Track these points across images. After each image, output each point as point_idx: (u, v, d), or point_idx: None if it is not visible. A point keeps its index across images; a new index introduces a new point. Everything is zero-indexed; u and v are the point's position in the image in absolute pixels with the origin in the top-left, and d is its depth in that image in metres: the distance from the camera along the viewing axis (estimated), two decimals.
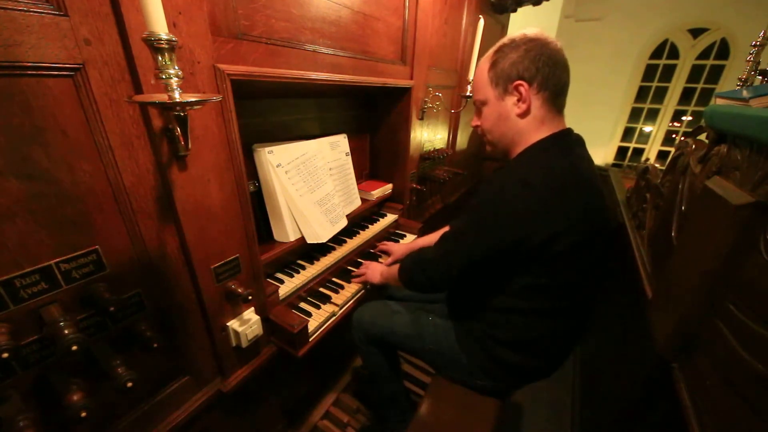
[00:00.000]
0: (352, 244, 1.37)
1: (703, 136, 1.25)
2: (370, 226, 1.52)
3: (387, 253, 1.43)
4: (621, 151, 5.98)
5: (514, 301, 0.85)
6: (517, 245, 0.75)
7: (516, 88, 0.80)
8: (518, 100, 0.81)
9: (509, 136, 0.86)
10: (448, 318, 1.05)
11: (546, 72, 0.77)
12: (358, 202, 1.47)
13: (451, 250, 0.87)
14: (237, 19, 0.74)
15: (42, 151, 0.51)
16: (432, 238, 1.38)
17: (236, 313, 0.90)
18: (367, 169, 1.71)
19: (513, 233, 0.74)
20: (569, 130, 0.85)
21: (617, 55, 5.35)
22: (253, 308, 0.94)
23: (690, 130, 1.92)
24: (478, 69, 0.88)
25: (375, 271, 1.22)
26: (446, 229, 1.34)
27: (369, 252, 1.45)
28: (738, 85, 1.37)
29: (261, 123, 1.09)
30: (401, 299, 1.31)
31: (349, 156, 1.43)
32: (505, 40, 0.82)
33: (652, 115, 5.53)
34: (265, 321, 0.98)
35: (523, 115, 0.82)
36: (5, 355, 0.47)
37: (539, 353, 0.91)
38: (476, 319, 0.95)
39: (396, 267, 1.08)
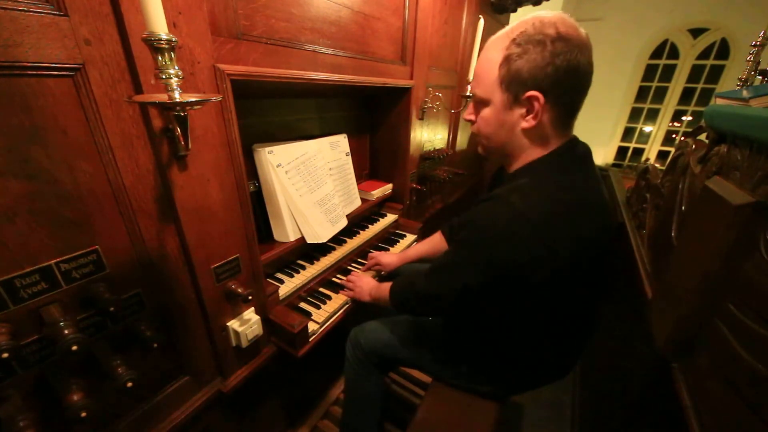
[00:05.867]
0: (352, 244, 1.37)
1: (703, 136, 1.25)
2: (370, 226, 1.52)
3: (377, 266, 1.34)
4: (621, 151, 5.98)
5: (514, 321, 0.82)
6: (514, 278, 0.68)
7: (529, 99, 0.66)
8: (528, 113, 0.68)
9: (509, 148, 0.76)
10: (448, 329, 1.04)
11: (568, 86, 0.64)
12: (358, 202, 1.47)
13: (445, 283, 0.79)
14: (237, 19, 0.74)
15: (42, 151, 0.51)
16: (425, 247, 1.33)
17: (236, 313, 0.90)
18: (367, 169, 1.71)
19: (509, 268, 0.67)
20: (574, 143, 0.73)
21: (617, 55, 5.35)
22: (253, 308, 0.94)
23: (690, 130, 1.92)
24: (486, 55, 0.70)
25: (363, 289, 1.13)
26: (438, 234, 1.32)
27: (369, 252, 1.45)
28: (738, 85, 1.37)
29: (261, 123, 1.09)
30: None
31: (349, 156, 1.43)
32: (528, 27, 0.64)
33: (652, 115, 5.54)
34: (265, 321, 0.98)
35: (529, 131, 0.70)
36: (5, 355, 0.47)
37: (543, 370, 0.90)
38: (477, 337, 0.94)
39: (387, 287, 1.01)
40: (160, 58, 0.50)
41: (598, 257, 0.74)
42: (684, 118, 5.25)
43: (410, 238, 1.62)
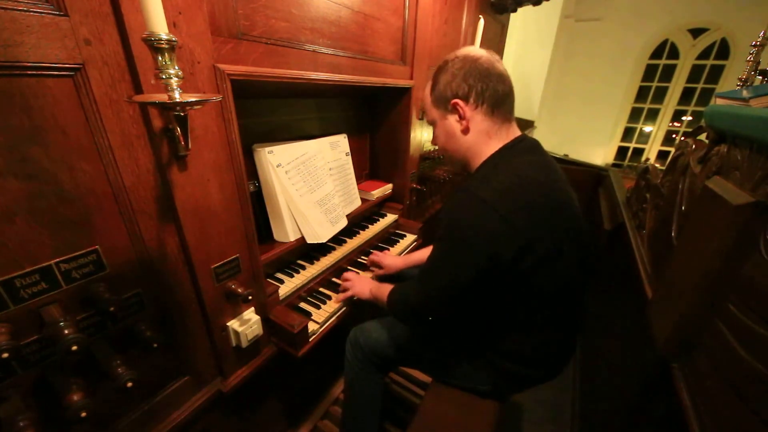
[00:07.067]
0: (352, 244, 1.37)
1: (703, 136, 1.25)
2: (370, 226, 1.52)
3: (378, 266, 1.33)
4: (621, 151, 5.99)
5: (505, 315, 0.85)
6: (492, 264, 0.73)
7: (453, 106, 0.82)
8: (460, 117, 0.83)
9: (461, 152, 0.88)
10: (446, 328, 1.04)
11: (479, 87, 0.79)
12: (358, 202, 1.47)
13: (432, 285, 0.84)
14: (237, 19, 0.74)
15: (42, 151, 0.51)
16: (428, 251, 1.29)
17: (236, 313, 0.90)
18: (367, 169, 1.71)
19: (485, 254, 0.72)
20: (521, 138, 0.84)
21: (617, 55, 5.36)
22: (253, 308, 0.94)
23: (690, 130, 1.92)
24: (424, 92, 0.93)
25: (364, 285, 1.13)
26: None
27: (369, 251, 1.44)
28: (738, 85, 1.37)
29: (261, 123, 1.09)
30: None
31: (349, 156, 1.43)
32: (441, 63, 0.86)
33: (652, 115, 5.54)
34: (265, 321, 0.98)
35: (466, 131, 0.84)
36: (5, 355, 0.47)
37: (540, 362, 0.90)
38: (473, 331, 0.95)
39: (387, 289, 1.03)
40: (160, 58, 0.50)
41: (569, 237, 0.77)
42: (684, 118, 5.25)
43: (410, 238, 1.62)
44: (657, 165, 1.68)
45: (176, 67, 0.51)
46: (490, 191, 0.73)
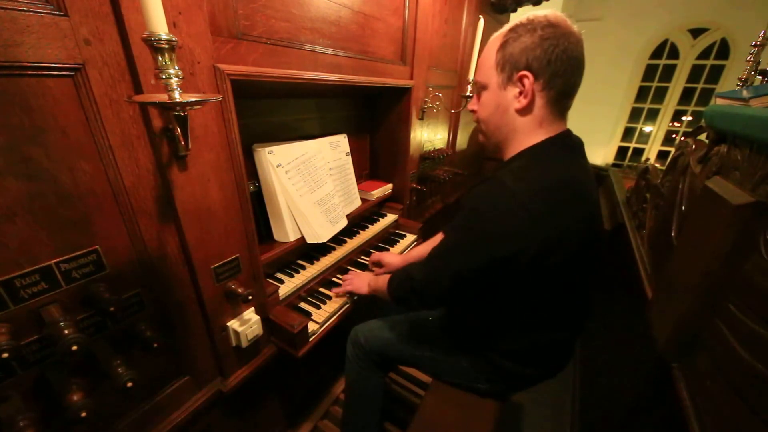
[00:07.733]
0: (352, 244, 1.37)
1: (703, 136, 1.25)
2: (370, 226, 1.52)
3: (379, 265, 1.33)
4: (621, 151, 5.98)
5: (508, 313, 0.84)
6: (508, 261, 0.69)
7: (520, 79, 0.71)
8: (520, 94, 0.72)
9: (504, 131, 0.79)
10: (447, 326, 1.04)
11: (557, 68, 0.68)
12: (358, 202, 1.47)
13: (441, 269, 0.80)
14: (237, 19, 0.74)
15: (42, 151, 0.51)
16: (427, 247, 1.32)
17: (236, 313, 0.90)
18: (367, 169, 1.71)
19: (503, 250, 0.68)
20: (567, 133, 0.77)
21: (617, 55, 5.35)
22: (253, 308, 0.94)
23: (690, 130, 1.92)
24: (487, 46, 0.78)
25: (362, 280, 1.14)
26: (440, 235, 1.30)
27: (368, 251, 1.44)
28: (738, 85, 1.37)
29: (261, 123, 1.09)
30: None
31: (349, 156, 1.43)
32: (523, 19, 0.71)
33: (652, 115, 5.54)
34: (265, 321, 0.98)
35: (523, 112, 0.74)
36: (5, 355, 0.47)
37: (539, 361, 0.90)
38: (474, 328, 0.94)
39: (386, 279, 1.01)
40: (160, 58, 0.50)
41: (587, 242, 0.75)
42: (684, 118, 5.25)
43: (410, 238, 1.62)
44: (657, 165, 1.68)
45: (176, 67, 0.51)
46: (525, 187, 0.67)
